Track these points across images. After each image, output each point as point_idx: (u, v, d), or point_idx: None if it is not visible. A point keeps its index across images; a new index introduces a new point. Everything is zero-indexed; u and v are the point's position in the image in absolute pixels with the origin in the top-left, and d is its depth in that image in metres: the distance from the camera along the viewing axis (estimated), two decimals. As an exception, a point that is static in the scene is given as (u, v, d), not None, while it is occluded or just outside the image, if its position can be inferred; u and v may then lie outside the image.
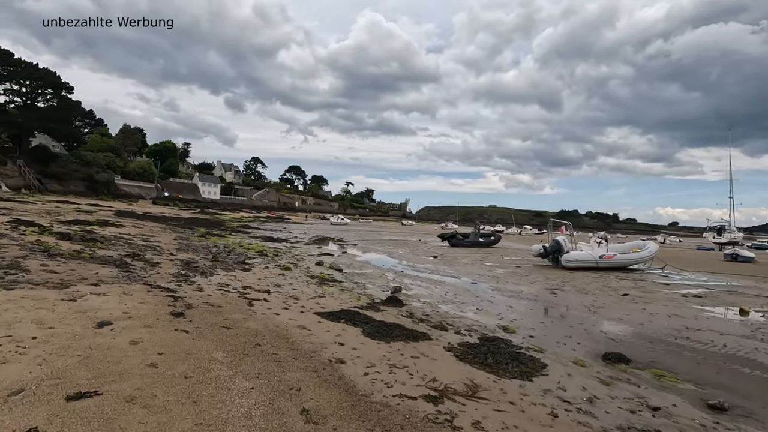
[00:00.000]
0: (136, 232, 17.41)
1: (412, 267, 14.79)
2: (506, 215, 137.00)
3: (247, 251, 14.94)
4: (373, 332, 5.21)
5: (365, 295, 8.35)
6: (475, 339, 5.64)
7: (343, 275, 11.24)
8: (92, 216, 25.86)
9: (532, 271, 14.81)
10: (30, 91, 59.56)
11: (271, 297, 7.13)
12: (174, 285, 7.19)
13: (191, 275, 8.46)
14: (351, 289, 9.03)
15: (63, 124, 61.83)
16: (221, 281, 8.18)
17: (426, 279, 11.84)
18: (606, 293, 10.58)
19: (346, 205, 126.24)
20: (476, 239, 28.09)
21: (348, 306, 6.96)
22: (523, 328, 6.57)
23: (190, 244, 15.36)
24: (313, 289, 8.39)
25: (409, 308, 7.42)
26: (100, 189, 59.43)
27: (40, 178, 55.76)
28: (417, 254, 20.17)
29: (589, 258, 15.57)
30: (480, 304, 8.43)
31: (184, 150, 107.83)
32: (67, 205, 35.30)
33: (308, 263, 13.20)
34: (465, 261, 17.81)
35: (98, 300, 5.36)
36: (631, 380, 4.53)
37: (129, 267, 8.38)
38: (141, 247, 12.18)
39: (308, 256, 15.40)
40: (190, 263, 10.00)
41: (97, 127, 76.12)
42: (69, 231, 13.70)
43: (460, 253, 21.61)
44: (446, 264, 16.29)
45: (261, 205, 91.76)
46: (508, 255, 22.19)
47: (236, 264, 10.99)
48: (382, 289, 9.57)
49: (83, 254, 8.92)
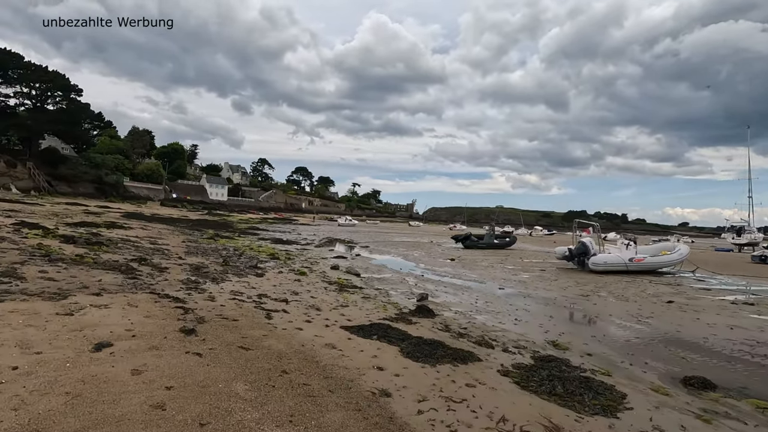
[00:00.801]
0: (144, 234, 16.88)
1: (431, 270, 14.04)
2: (514, 216, 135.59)
3: (258, 254, 14.30)
4: (413, 352, 4.48)
5: (391, 304, 7.62)
6: (527, 358, 4.89)
7: (362, 281, 10.53)
8: (100, 218, 25.47)
9: (559, 275, 13.98)
10: (40, 93, 59.76)
11: (290, 307, 6.43)
12: (183, 293, 6.53)
13: (201, 282, 7.81)
14: (374, 296, 8.31)
15: (72, 127, 61.98)
16: (234, 288, 7.51)
17: (449, 284, 11.09)
18: (647, 300, 9.74)
19: (352, 206, 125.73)
20: (491, 241, 27.24)
21: (376, 318, 6.24)
22: (575, 344, 5.80)
23: (199, 247, 14.76)
24: (333, 297, 7.69)
25: (443, 319, 6.68)
26: (109, 191, 59.46)
27: (50, 180, 55.87)
28: (433, 256, 19.40)
29: (618, 261, 14.70)
30: (517, 314, 7.67)
31: (192, 152, 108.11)
32: (76, 207, 35.08)
33: (323, 267, 12.52)
34: (484, 264, 17.01)
35: (98, 314, 4.71)
36: (731, 414, 3.75)
37: (135, 273, 7.75)
38: (148, 250, 11.59)
39: (321, 260, 14.73)
40: (200, 268, 9.36)
41: (106, 129, 76.32)
42: (74, 234, 13.16)
43: (476, 256, 20.80)
44: (466, 267, 15.52)
45: (268, 207, 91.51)
46: (527, 257, 21.33)
47: (248, 269, 10.33)
48: (406, 296, 8.85)
49: (86, 259, 8.32)
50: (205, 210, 59.30)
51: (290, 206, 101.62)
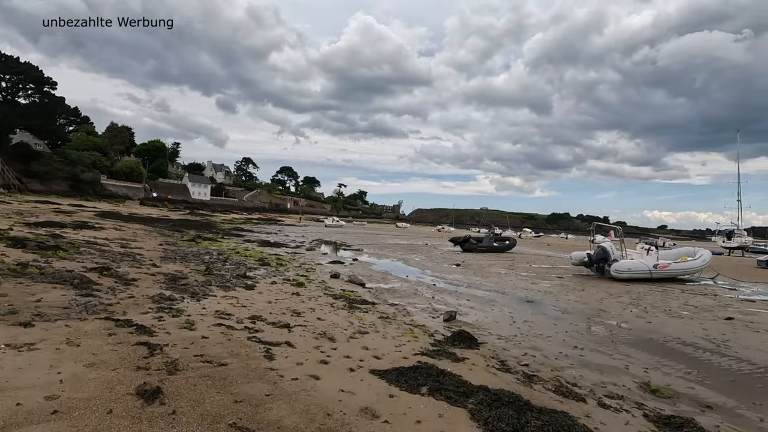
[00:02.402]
0: (116, 235, 14.98)
1: (441, 278, 12.60)
2: (501, 218, 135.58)
3: (246, 259, 12.64)
4: (492, 420, 3.00)
5: (418, 327, 6.14)
6: (642, 420, 3.47)
7: (371, 293, 9.02)
8: (71, 217, 23.26)
9: (583, 284, 12.72)
10: (10, 86, 56.25)
11: (295, 336, 4.89)
12: (152, 318, 4.91)
13: (178, 298, 6.18)
14: (392, 315, 6.81)
15: (46, 121, 58.51)
16: (219, 308, 5.91)
17: (470, 296, 9.66)
18: (702, 317, 8.49)
19: (338, 207, 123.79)
20: (491, 244, 26.02)
21: (410, 350, 4.75)
22: (677, 387, 4.43)
23: (178, 250, 13.00)
24: (345, 319, 6.16)
25: (492, 350, 5.23)
26: (85, 189, 56.32)
27: (21, 177, 52.46)
28: (435, 261, 17.99)
29: (642, 268, 13.55)
30: (570, 338, 6.28)
31: (174, 150, 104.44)
32: (47, 205, 32.50)
33: (321, 275, 10.96)
34: (494, 270, 15.68)
35: (12, 363, 3.09)
36: None
37: (92, 287, 6.07)
38: (116, 255, 9.83)
39: (317, 266, 13.15)
40: (177, 279, 7.69)
41: (83, 125, 72.64)
42: (29, 235, 11.27)
43: (480, 260, 19.47)
44: (477, 274, 14.14)
45: (252, 207, 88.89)
46: (534, 262, 20.11)
47: (236, 279, 8.69)
48: (429, 313, 7.38)
49: (30, 269, 6.58)
50: (187, 210, 56.73)
51: (275, 206, 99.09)
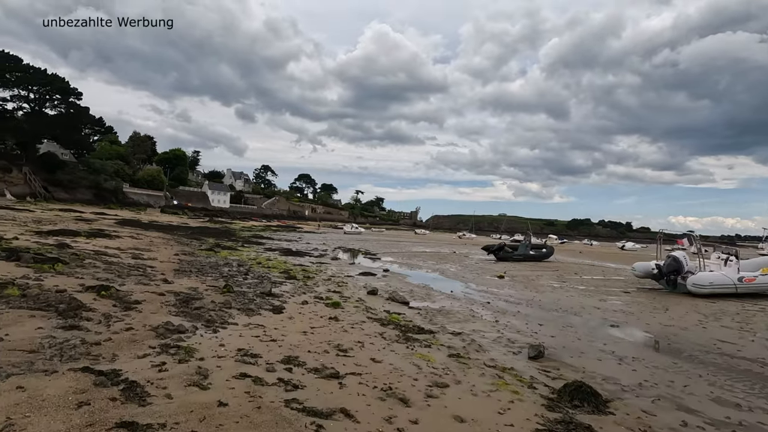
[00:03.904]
0: (131, 245, 13.90)
1: (490, 294, 10.93)
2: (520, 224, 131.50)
3: (269, 272, 11.28)
4: None
5: (506, 372, 4.55)
6: None
7: (421, 315, 7.46)
8: (89, 225, 22.61)
9: (658, 300, 10.85)
10: (38, 97, 57.46)
11: (351, 397, 3.38)
12: (149, 366, 3.50)
13: (188, 329, 4.78)
14: (463, 351, 5.23)
15: (71, 131, 59.55)
16: (242, 343, 4.47)
17: (538, 318, 7.98)
18: None
19: (356, 214, 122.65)
20: (527, 252, 24.07)
21: (520, 421, 3.18)
22: None
23: (194, 261, 11.75)
24: (405, 358, 4.64)
25: (636, 417, 3.59)
26: (108, 197, 56.83)
27: (47, 185, 53.28)
28: (474, 272, 16.28)
29: (725, 281, 11.56)
30: (723, 392, 4.58)
31: (194, 158, 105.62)
32: (69, 213, 32.31)
33: (355, 290, 9.48)
34: (544, 282, 13.89)
35: None
36: None
37: (80, 315, 4.72)
38: (124, 269, 8.57)
39: (347, 278, 11.69)
40: (190, 300, 6.32)
41: (107, 134, 73.94)
42: (34, 245, 10.20)
43: (522, 270, 17.65)
44: (528, 287, 12.40)
45: (271, 214, 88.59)
46: (581, 272, 18.16)
47: (259, 298, 7.28)
48: (504, 346, 5.78)
49: (10, 290, 5.28)
50: (207, 217, 56.44)
51: (293, 213, 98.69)
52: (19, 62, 56.28)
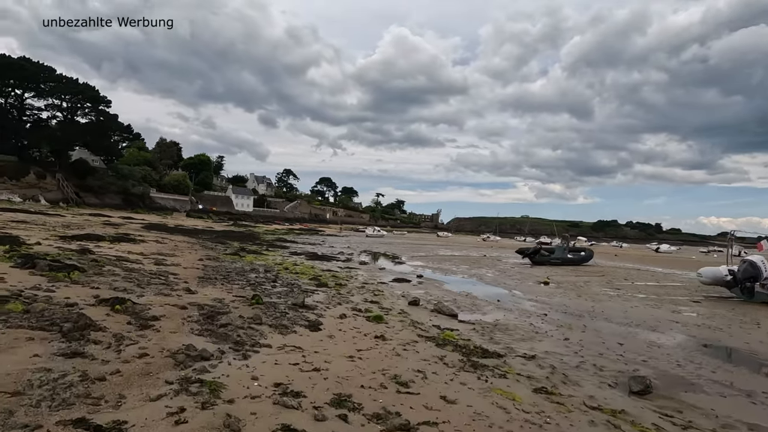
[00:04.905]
0: (154, 250, 13.40)
1: (541, 303, 9.77)
2: (544, 226, 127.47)
3: (298, 278, 10.47)
4: None
5: (623, 419, 3.47)
6: None
7: (477, 332, 6.42)
8: (116, 229, 22.59)
9: (741, 312, 9.43)
10: (70, 106, 59.32)
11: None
12: (164, 414, 2.64)
13: (213, 354, 3.93)
14: (549, 386, 4.18)
15: (101, 138, 61.25)
16: (278, 375, 3.58)
17: (614, 335, 6.82)
18: None
19: (377, 217, 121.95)
20: (564, 255, 22.60)
21: None
22: None
23: (219, 267, 11.07)
24: (484, 395, 3.64)
25: None
26: (136, 202, 58.01)
27: (78, 191, 54.78)
28: (514, 278, 15.05)
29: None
30: None
31: (218, 163, 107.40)
32: (98, 218, 32.78)
33: (393, 300, 8.53)
34: (594, 289, 12.58)
35: None
36: None
37: (87, 337, 3.94)
38: (145, 276, 7.89)
39: (381, 285, 10.76)
40: (215, 315, 5.50)
41: (135, 141, 75.91)
42: (55, 250, 9.72)
43: (566, 276, 16.29)
44: (581, 296, 11.15)
45: (293, 217, 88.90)
46: (631, 278, 16.64)
47: (292, 310, 6.41)
48: (595, 375, 4.69)
49: (12, 304, 4.57)
50: (231, 221, 56.82)
51: (315, 217, 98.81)
52: (52, 72, 58.25)
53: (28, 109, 58.16)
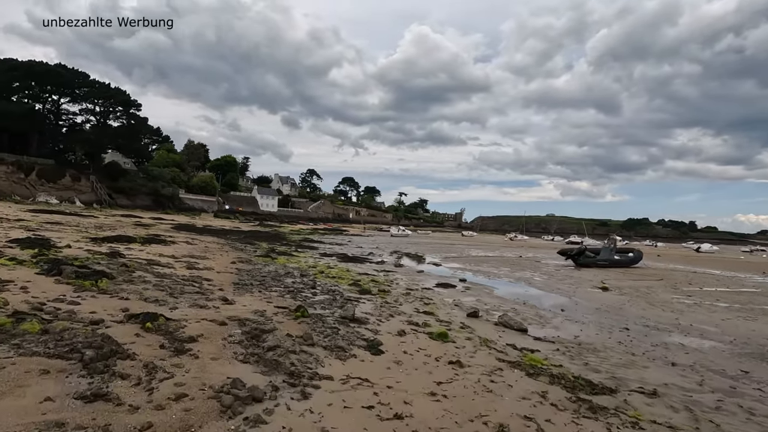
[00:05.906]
0: (185, 251, 12.92)
1: (614, 314, 8.58)
2: (570, 224, 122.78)
3: (337, 283, 9.66)
4: None
5: None
6: None
7: (563, 354, 5.37)
8: (147, 230, 22.55)
9: None
10: (103, 110, 61.10)
11: None
12: None
13: (265, 394, 3.09)
14: (707, 440, 3.14)
15: (132, 141, 62.96)
16: (351, 425, 2.70)
17: (737, 358, 5.63)
18: None
19: (400, 216, 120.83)
20: (611, 257, 21.00)
21: None
22: None
23: (253, 270, 10.39)
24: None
25: None
26: (165, 203, 59.12)
27: (111, 193, 56.29)
28: (565, 282, 13.79)
29: None
30: None
31: (244, 164, 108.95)
32: (130, 219, 33.26)
33: (449, 311, 7.57)
34: (663, 296, 11.22)
35: None
36: None
37: (112, 367, 3.18)
38: (178, 284, 7.22)
39: (427, 291, 9.83)
40: (259, 331, 4.68)
41: (164, 143, 77.73)
42: (83, 254, 9.26)
43: (620, 280, 14.88)
44: (651, 303, 9.86)
45: (317, 217, 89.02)
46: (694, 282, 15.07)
47: (343, 325, 5.55)
48: (746, 419, 3.60)
49: (28, 324, 3.88)
50: (257, 221, 57.10)
51: (338, 216, 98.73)
52: (86, 78, 60.08)
53: (63, 114, 60.35)
